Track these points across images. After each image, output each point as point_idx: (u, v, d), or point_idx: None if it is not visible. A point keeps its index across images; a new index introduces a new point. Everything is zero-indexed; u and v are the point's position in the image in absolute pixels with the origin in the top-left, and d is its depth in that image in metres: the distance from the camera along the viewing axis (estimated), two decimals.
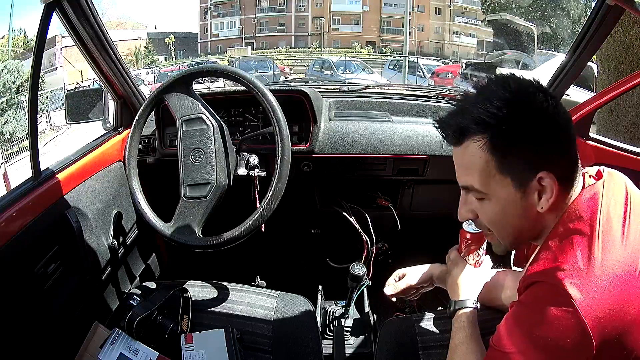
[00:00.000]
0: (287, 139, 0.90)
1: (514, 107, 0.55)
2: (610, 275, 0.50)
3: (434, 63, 11.10)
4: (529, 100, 0.55)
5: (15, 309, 0.79)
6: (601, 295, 0.49)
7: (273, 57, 12.44)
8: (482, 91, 0.58)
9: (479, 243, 0.81)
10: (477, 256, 0.83)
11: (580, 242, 0.53)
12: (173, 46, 17.11)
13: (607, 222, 0.54)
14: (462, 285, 0.81)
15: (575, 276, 0.50)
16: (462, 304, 0.77)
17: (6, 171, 5.22)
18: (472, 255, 0.83)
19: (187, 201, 0.92)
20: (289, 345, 0.89)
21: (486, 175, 0.57)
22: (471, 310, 0.77)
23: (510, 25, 10.47)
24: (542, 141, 0.55)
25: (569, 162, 0.57)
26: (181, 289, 0.95)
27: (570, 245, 0.53)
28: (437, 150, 1.16)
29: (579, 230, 0.54)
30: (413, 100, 1.36)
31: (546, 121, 0.55)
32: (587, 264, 0.51)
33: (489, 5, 14.21)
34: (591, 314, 0.48)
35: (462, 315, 0.76)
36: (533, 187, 0.56)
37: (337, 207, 1.30)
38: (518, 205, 0.57)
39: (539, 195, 0.56)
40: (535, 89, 0.57)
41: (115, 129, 1.23)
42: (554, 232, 0.57)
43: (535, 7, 12.02)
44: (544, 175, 0.54)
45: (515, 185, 0.56)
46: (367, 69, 9.60)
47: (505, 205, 0.58)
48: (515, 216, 0.59)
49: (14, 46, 9.41)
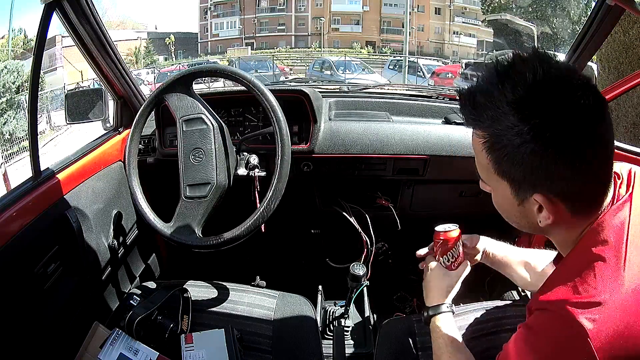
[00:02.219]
0: (287, 139, 0.90)
1: (527, 110, 0.47)
2: (631, 311, 0.46)
3: (434, 63, 11.11)
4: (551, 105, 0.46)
5: (15, 309, 0.79)
6: (618, 333, 0.45)
7: (273, 57, 12.45)
8: (503, 72, 0.49)
9: (452, 244, 0.79)
10: (452, 257, 0.80)
11: (604, 273, 0.47)
12: (173, 46, 17.13)
13: (635, 249, 0.48)
14: (435, 290, 0.80)
15: (595, 312, 0.45)
16: (437, 310, 0.76)
17: (6, 171, 5.22)
18: (446, 256, 0.80)
19: (187, 201, 0.92)
20: (289, 345, 0.89)
21: (486, 170, 0.55)
22: (446, 315, 0.76)
23: (510, 25, 10.47)
24: (549, 160, 0.47)
25: (591, 185, 0.50)
26: (181, 289, 0.95)
27: (592, 274, 0.47)
28: (437, 150, 1.16)
29: (603, 258, 0.48)
30: (413, 100, 1.36)
31: (569, 133, 0.46)
32: (608, 299, 0.46)
33: (489, 5, 14.21)
34: (606, 351, 0.45)
35: (438, 321, 0.75)
36: (531, 201, 0.51)
37: (337, 207, 1.30)
38: (516, 209, 0.55)
39: (539, 209, 0.52)
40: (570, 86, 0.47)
41: (115, 129, 1.23)
42: (574, 254, 0.52)
43: (535, 7, 12.02)
44: (538, 198, 0.50)
45: (512, 192, 0.53)
46: (367, 69, 9.61)
47: (504, 203, 0.56)
48: (513, 215, 0.57)
49: (14, 46, 9.41)
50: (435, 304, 0.77)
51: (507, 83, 0.48)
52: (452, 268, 0.81)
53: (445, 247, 0.80)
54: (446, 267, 0.81)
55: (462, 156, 1.15)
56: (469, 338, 0.83)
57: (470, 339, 0.82)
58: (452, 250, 0.79)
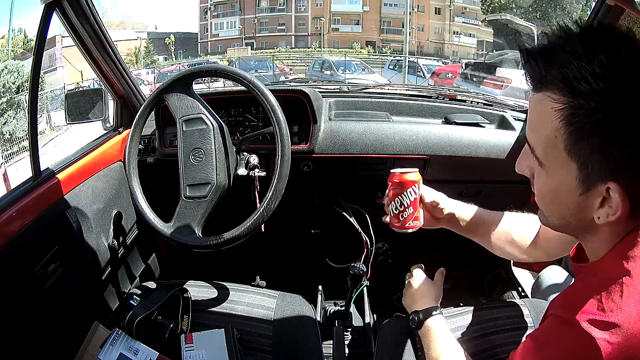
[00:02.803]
0: (287, 139, 0.90)
1: (619, 84, 0.40)
2: None
3: (434, 63, 11.12)
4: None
5: (15, 309, 0.79)
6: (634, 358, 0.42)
7: (273, 57, 12.45)
8: (586, 37, 0.42)
9: (402, 188, 0.70)
10: (402, 206, 0.70)
11: (631, 293, 0.42)
12: (173, 46, 17.14)
13: None
14: (422, 294, 0.80)
15: (615, 334, 0.41)
16: (428, 312, 0.76)
17: (6, 171, 5.23)
18: (394, 203, 0.71)
19: (187, 201, 0.92)
20: (289, 345, 0.89)
21: (551, 146, 0.45)
22: (439, 317, 0.76)
23: (510, 25, 10.47)
24: (635, 145, 0.41)
25: None
26: (181, 289, 0.95)
27: (620, 293, 0.43)
28: (437, 150, 1.16)
29: (633, 274, 0.43)
30: (413, 100, 1.36)
31: None
32: (632, 323, 0.41)
33: (489, 5, 14.22)
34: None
35: (432, 323, 0.75)
36: (598, 191, 0.44)
37: (337, 207, 1.30)
38: (573, 199, 0.46)
39: (602, 203, 0.44)
40: None
41: (115, 129, 1.23)
42: (605, 264, 0.47)
43: (535, 7, 12.03)
44: (614, 187, 0.42)
45: (579, 177, 0.44)
46: (367, 69, 9.61)
47: (560, 189, 0.47)
48: (566, 206, 0.48)
49: (14, 46, 9.41)
50: (426, 307, 0.78)
51: (599, 48, 0.41)
52: (400, 220, 0.71)
53: (398, 191, 0.70)
54: (394, 217, 0.71)
55: (462, 156, 1.15)
56: (468, 338, 0.83)
57: (469, 339, 0.82)
58: (403, 196, 0.69)
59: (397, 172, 0.71)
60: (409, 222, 0.72)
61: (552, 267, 1.25)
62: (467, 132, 1.19)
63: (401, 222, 0.73)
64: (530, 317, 0.87)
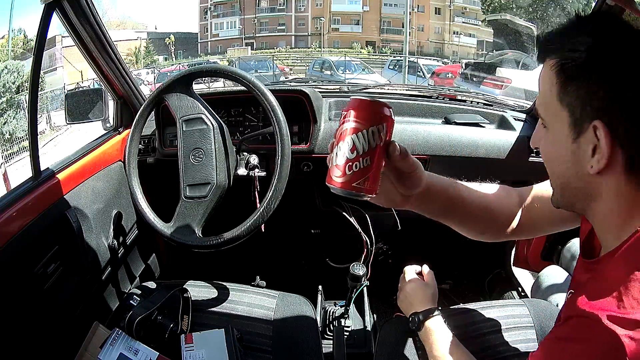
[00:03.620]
0: (287, 139, 0.90)
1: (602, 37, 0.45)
2: None
3: (434, 63, 11.12)
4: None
5: (15, 309, 0.79)
6: None
7: (273, 57, 12.46)
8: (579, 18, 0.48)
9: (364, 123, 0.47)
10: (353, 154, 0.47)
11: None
12: (173, 46, 17.14)
13: None
14: (417, 296, 0.80)
15: (638, 332, 0.41)
16: (428, 313, 0.76)
17: (6, 171, 5.23)
18: (342, 145, 0.47)
19: (187, 201, 0.92)
20: (289, 345, 0.89)
21: (548, 100, 0.49)
22: (438, 318, 0.76)
23: (510, 25, 10.47)
24: (618, 81, 0.43)
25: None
26: (181, 289, 0.95)
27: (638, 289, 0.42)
28: (437, 150, 1.16)
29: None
30: (413, 100, 1.36)
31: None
32: None
33: (489, 5, 14.22)
34: None
35: (432, 324, 0.75)
36: (588, 136, 0.45)
37: (337, 207, 1.30)
38: (568, 150, 0.48)
39: (593, 151, 0.45)
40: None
41: (115, 129, 1.23)
42: (620, 258, 0.46)
43: (535, 7, 12.03)
44: (599, 125, 0.44)
45: (570, 122, 0.47)
46: (367, 69, 9.61)
47: (557, 143, 0.49)
48: (563, 162, 0.49)
49: (14, 46, 9.41)
50: (425, 309, 0.78)
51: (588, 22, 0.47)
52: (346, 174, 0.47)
53: (356, 126, 0.47)
54: (337, 166, 0.48)
55: (462, 156, 1.15)
56: (468, 338, 0.82)
57: (469, 339, 0.82)
58: (361, 136, 0.47)
59: (362, 98, 0.48)
60: (358, 181, 0.47)
61: (552, 267, 1.26)
62: (467, 132, 1.19)
63: (347, 177, 0.47)
64: (530, 317, 0.87)
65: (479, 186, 0.68)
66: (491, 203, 0.68)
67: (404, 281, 0.87)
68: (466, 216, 0.66)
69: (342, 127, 0.48)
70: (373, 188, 0.49)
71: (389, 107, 0.49)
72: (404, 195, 0.57)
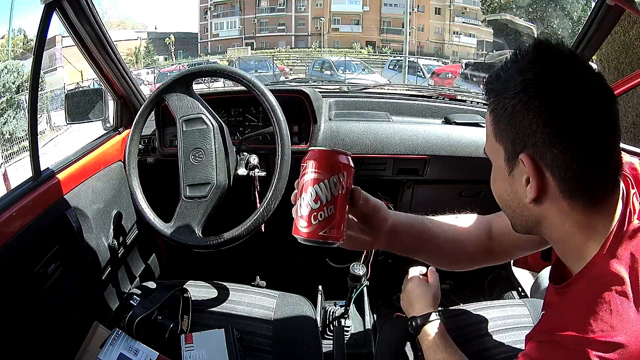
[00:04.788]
0: (287, 139, 0.90)
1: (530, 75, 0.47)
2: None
3: (434, 63, 11.12)
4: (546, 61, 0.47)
5: (15, 309, 0.79)
6: None
7: (273, 57, 12.46)
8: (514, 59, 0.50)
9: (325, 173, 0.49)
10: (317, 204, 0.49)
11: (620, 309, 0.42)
12: (173, 46, 17.13)
13: None
14: (418, 298, 0.80)
15: (613, 354, 0.41)
16: (427, 318, 0.76)
17: (6, 171, 5.23)
18: (306, 196, 0.50)
19: (187, 201, 0.92)
20: (289, 345, 0.89)
21: (489, 138, 0.52)
22: (436, 322, 0.76)
23: (510, 25, 10.48)
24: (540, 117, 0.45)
25: (589, 168, 0.45)
26: (181, 289, 0.95)
27: (608, 311, 0.43)
28: (437, 150, 1.16)
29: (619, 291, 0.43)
30: (413, 100, 1.36)
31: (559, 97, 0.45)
32: (627, 341, 0.41)
33: (489, 5, 14.21)
34: None
35: (430, 329, 0.75)
36: (520, 169, 0.48)
37: None
38: (507, 183, 0.51)
39: (527, 181, 0.48)
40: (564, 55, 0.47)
41: (115, 129, 1.23)
42: (584, 281, 0.47)
43: (535, 7, 12.02)
44: (524, 157, 0.47)
45: (505, 157, 0.50)
46: (367, 69, 9.61)
47: (499, 178, 0.53)
48: (506, 194, 0.52)
49: (14, 46, 9.41)
50: (424, 313, 0.78)
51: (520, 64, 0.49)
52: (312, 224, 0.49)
53: (317, 176, 0.49)
54: (302, 217, 0.50)
55: (462, 156, 1.15)
56: (468, 338, 0.83)
57: (469, 339, 0.82)
58: (323, 185, 0.48)
59: (320, 149, 0.50)
60: (324, 230, 0.48)
61: None
62: (467, 132, 1.19)
63: (313, 226, 0.48)
64: (530, 317, 0.87)
65: (446, 218, 0.71)
66: (460, 234, 0.70)
67: (407, 281, 0.87)
68: (435, 249, 0.68)
69: (303, 179, 0.50)
70: (340, 235, 0.50)
71: (348, 154, 0.51)
72: (371, 237, 0.59)
